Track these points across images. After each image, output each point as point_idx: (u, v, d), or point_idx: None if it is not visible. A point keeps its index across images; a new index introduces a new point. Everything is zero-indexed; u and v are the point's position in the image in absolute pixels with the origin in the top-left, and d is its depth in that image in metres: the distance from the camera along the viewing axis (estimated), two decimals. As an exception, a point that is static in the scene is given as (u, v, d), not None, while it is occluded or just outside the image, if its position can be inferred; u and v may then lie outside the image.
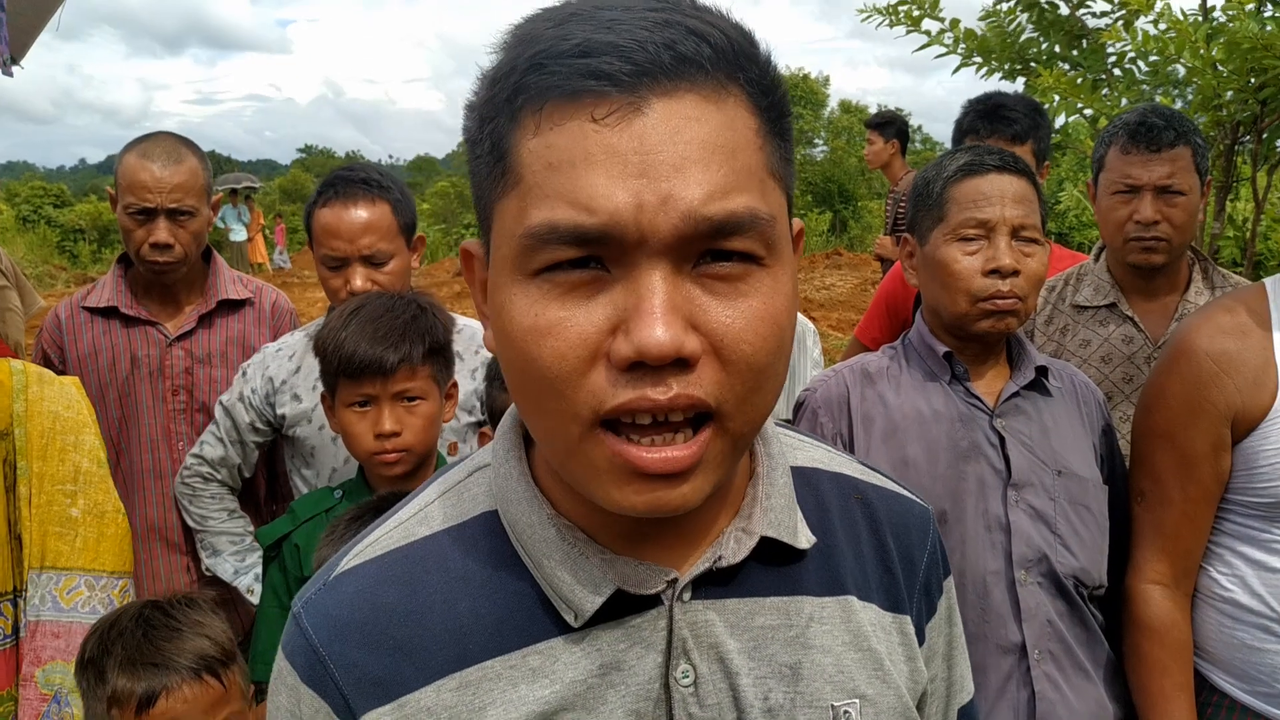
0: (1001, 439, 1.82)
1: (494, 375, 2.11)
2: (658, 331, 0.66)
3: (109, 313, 2.65)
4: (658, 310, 0.67)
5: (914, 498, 1.00)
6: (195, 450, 2.54)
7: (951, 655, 1.01)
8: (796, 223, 0.82)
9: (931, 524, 0.99)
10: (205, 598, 1.75)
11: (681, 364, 0.68)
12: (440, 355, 2.07)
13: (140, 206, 2.52)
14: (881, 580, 0.93)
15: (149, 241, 2.54)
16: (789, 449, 0.94)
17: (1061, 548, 1.79)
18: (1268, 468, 1.73)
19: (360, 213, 2.33)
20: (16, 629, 1.99)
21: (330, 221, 2.34)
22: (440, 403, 2.08)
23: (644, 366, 0.68)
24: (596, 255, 0.69)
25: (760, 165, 0.72)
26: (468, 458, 0.94)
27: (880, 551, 0.93)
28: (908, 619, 0.93)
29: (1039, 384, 1.89)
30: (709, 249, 0.70)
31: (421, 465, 2.08)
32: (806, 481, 0.93)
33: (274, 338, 2.71)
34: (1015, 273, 1.79)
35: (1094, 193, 2.60)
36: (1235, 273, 2.67)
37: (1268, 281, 1.83)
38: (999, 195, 1.81)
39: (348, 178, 2.40)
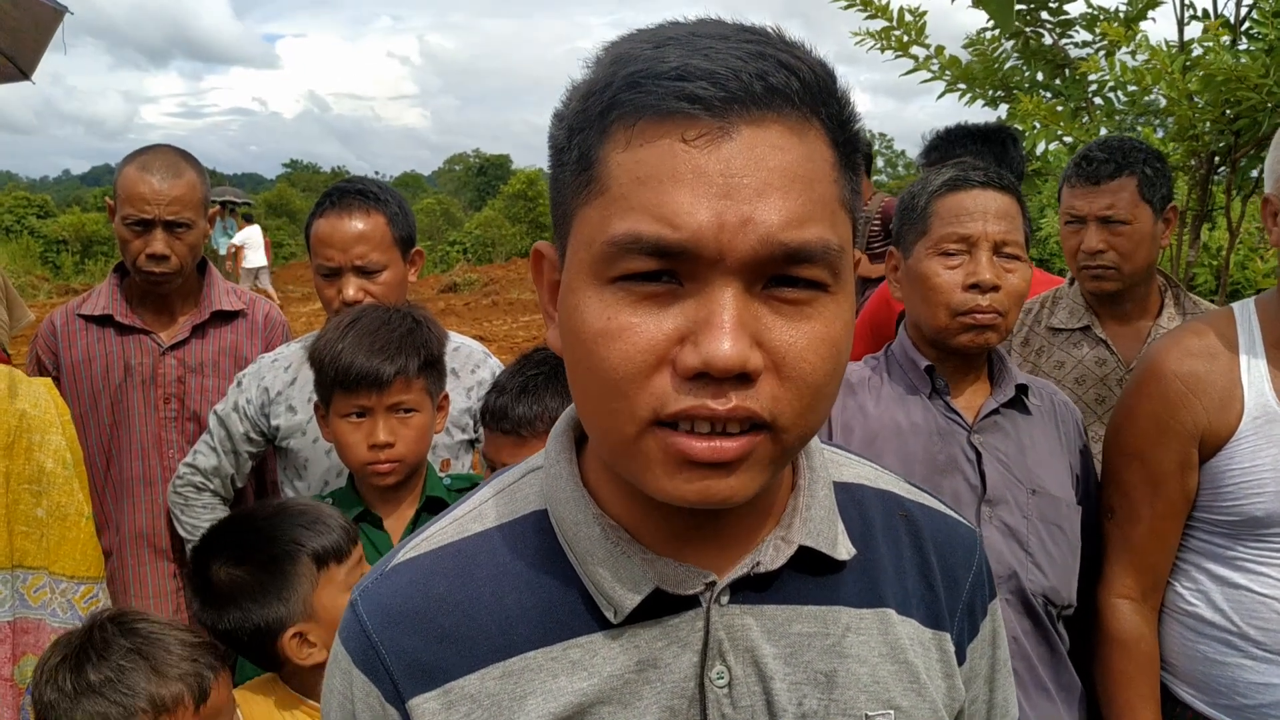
0: (978, 454, 1.84)
1: (505, 387, 2.11)
2: (725, 345, 0.70)
3: (104, 321, 2.68)
4: (727, 325, 0.70)
5: (960, 519, 1.02)
6: (188, 460, 2.56)
7: (994, 678, 1.02)
8: (856, 252, 0.85)
9: (978, 546, 1.00)
10: (195, 630, 1.73)
11: (743, 378, 0.72)
12: (434, 368, 2.10)
13: (138, 218, 2.55)
14: (923, 596, 0.95)
15: (146, 252, 2.57)
16: (836, 465, 0.98)
17: (1032, 566, 1.81)
18: (1233, 487, 1.79)
19: (355, 223, 2.36)
20: None
21: (325, 231, 2.37)
22: (433, 414, 2.11)
23: (707, 377, 0.71)
24: (672, 269, 0.72)
25: (834, 197, 0.76)
26: (523, 461, 0.98)
27: (923, 568, 0.95)
28: (948, 636, 0.95)
29: (1019, 402, 1.90)
30: (780, 273, 0.73)
31: (413, 475, 2.11)
32: (851, 496, 0.95)
33: (266, 349, 2.74)
34: (995, 288, 1.81)
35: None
36: (1210, 300, 2.74)
37: (1235, 306, 1.89)
38: (982, 211, 1.83)
39: (345, 189, 2.43)
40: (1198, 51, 3.63)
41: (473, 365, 2.55)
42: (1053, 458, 1.91)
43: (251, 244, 18.92)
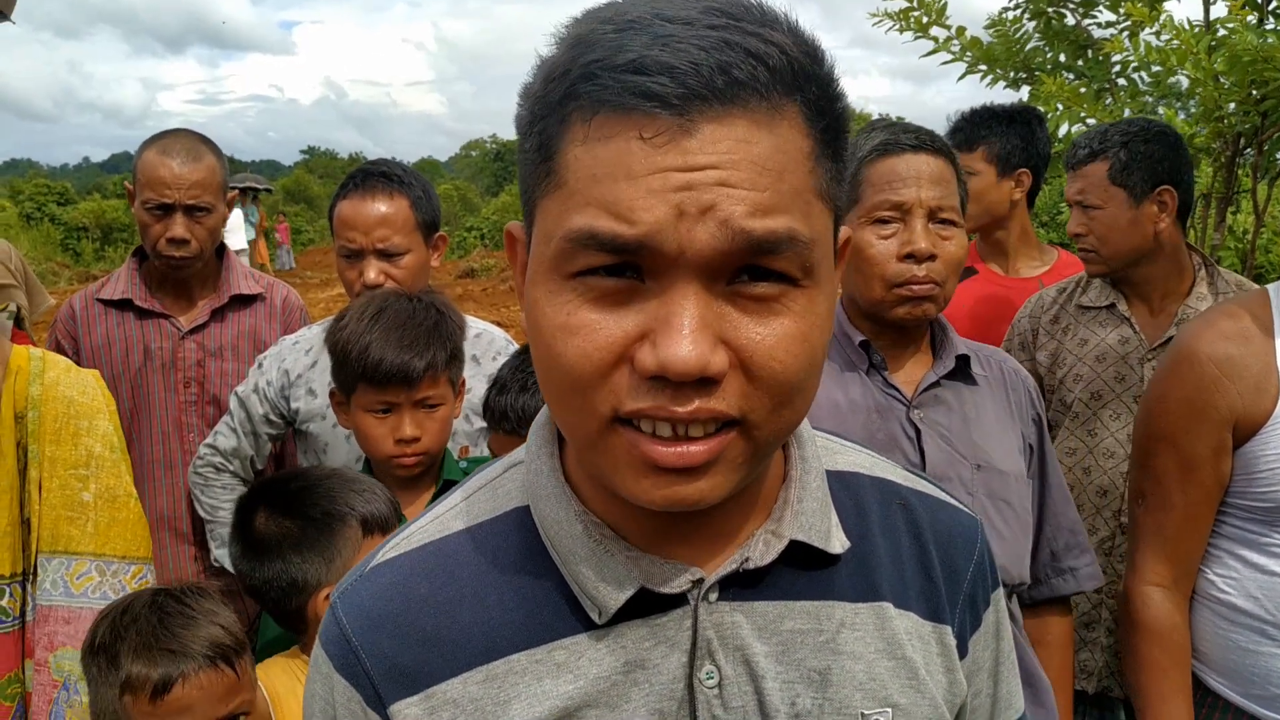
0: (918, 431, 1.77)
1: (506, 385, 2.13)
2: (684, 348, 0.67)
3: (123, 305, 2.69)
4: (687, 327, 0.68)
5: (961, 507, 0.98)
6: (209, 440, 2.57)
7: (998, 671, 0.98)
8: (844, 231, 0.82)
9: (980, 535, 0.97)
10: (213, 588, 1.76)
11: (705, 382, 0.69)
12: (457, 359, 2.10)
13: (159, 202, 2.56)
14: (922, 588, 0.91)
15: (166, 236, 2.58)
16: (829, 453, 0.94)
17: None
18: (1268, 472, 1.75)
19: (378, 206, 2.37)
20: (23, 612, 2.01)
21: (348, 213, 2.38)
22: (454, 403, 2.11)
23: (665, 380, 0.69)
24: (633, 264, 0.70)
25: (808, 187, 0.72)
26: (505, 456, 0.96)
27: (922, 559, 0.92)
28: (949, 629, 0.92)
29: (963, 372, 1.83)
30: (745, 266, 0.70)
31: (433, 463, 2.11)
32: (846, 486, 0.92)
33: (284, 333, 2.75)
34: (932, 257, 1.73)
35: None
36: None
37: (1271, 288, 1.85)
38: (914, 176, 1.74)
39: (370, 171, 2.44)
40: (1223, 32, 3.58)
41: (494, 352, 2.54)
42: (1001, 429, 1.83)
43: (232, 227, 19.02)
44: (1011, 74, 4.40)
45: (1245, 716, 1.83)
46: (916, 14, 4.26)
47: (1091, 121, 4.08)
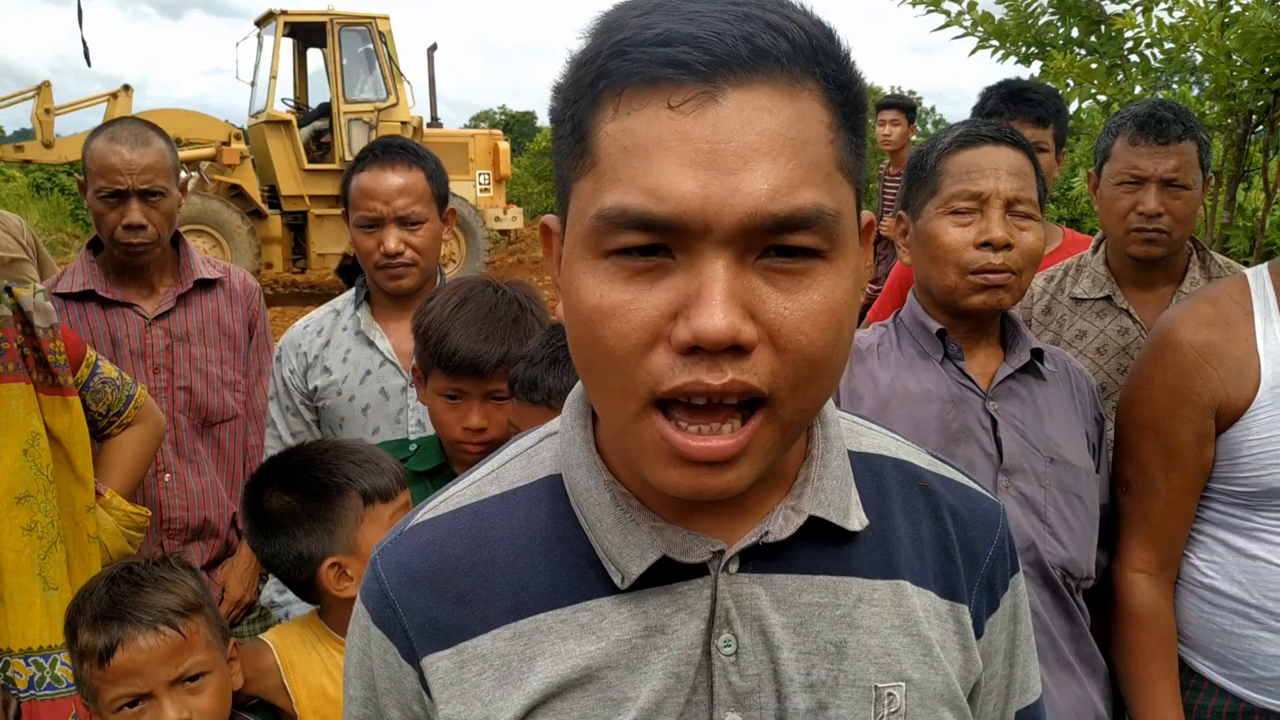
0: (994, 422, 1.78)
1: (536, 357, 2.12)
2: (716, 319, 0.69)
3: (84, 297, 2.68)
4: (717, 298, 0.69)
5: (983, 491, 1.00)
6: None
7: (1014, 654, 1.00)
8: (867, 215, 0.83)
9: (1000, 519, 0.99)
10: (176, 556, 1.81)
11: (737, 350, 0.71)
12: None
13: (112, 189, 2.56)
14: (941, 568, 0.93)
15: (122, 224, 2.58)
16: (854, 435, 0.96)
17: (1050, 537, 1.76)
18: (1250, 458, 1.76)
19: (398, 176, 2.41)
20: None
21: (368, 183, 2.41)
22: None
23: (701, 351, 0.71)
24: (664, 242, 0.72)
25: (829, 159, 0.74)
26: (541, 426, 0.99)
27: (941, 539, 0.94)
28: (965, 609, 0.93)
29: (1033, 368, 1.84)
30: (772, 242, 0.72)
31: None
32: (869, 466, 0.94)
33: (246, 314, 2.83)
34: (1008, 246, 1.73)
35: (1095, 183, 2.61)
36: (1245, 263, 2.69)
37: (1249, 272, 1.85)
38: (993, 168, 1.75)
39: (388, 144, 2.47)
40: (1236, 8, 3.56)
41: None
42: (1070, 425, 1.85)
43: None
44: (1023, 49, 4.38)
45: (1230, 698, 1.84)
46: (929, -11, 4.24)
47: (1102, 98, 4.06)
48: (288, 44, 14.02)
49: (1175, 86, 4.26)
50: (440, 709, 0.86)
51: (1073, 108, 4.08)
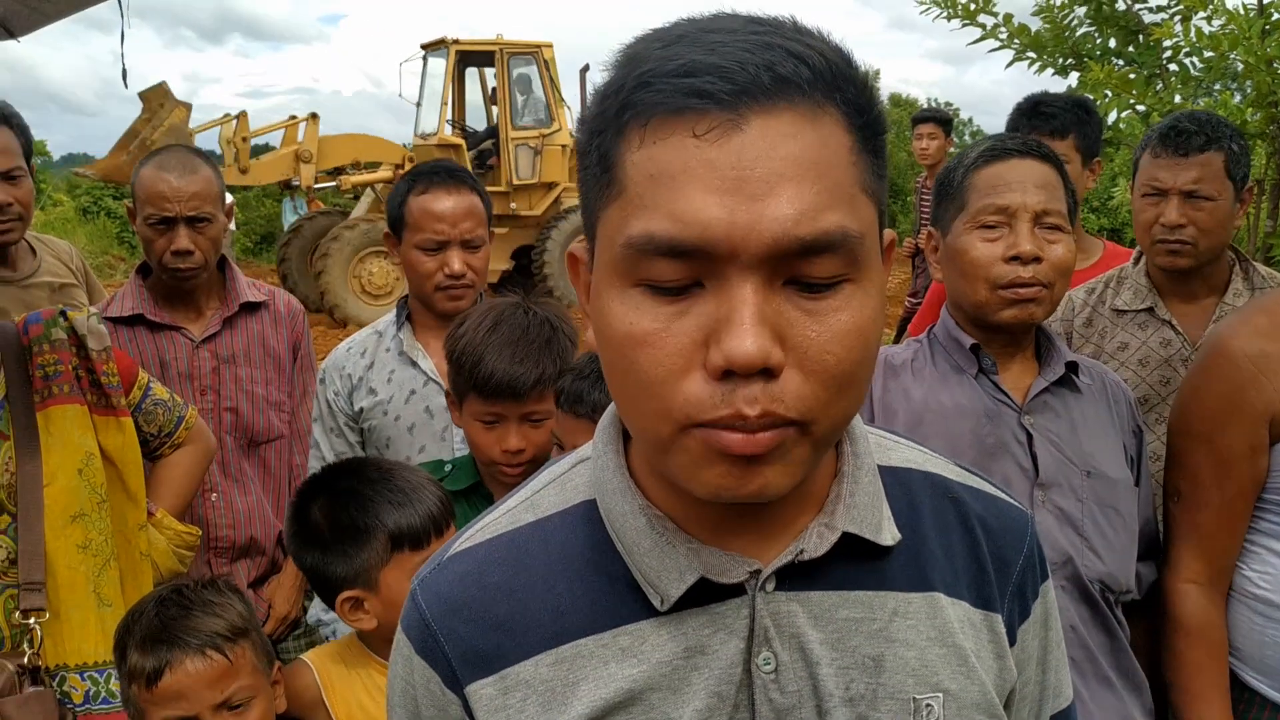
0: (1029, 436, 1.78)
1: (584, 371, 2.14)
2: (747, 343, 0.71)
3: (133, 321, 2.74)
4: (747, 321, 0.71)
5: (1011, 501, 1.01)
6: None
7: (1046, 660, 1.01)
8: (889, 233, 0.85)
9: (1029, 528, 1.00)
10: (224, 579, 1.84)
11: (767, 373, 0.72)
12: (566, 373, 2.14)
13: (160, 216, 2.61)
14: (974, 578, 0.94)
15: (171, 249, 2.64)
16: (882, 449, 0.97)
17: (1088, 551, 1.76)
18: None
19: (463, 199, 2.47)
20: None
21: (433, 206, 2.46)
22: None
23: (734, 375, 0.72)
24: (694, 275, 0.73)
25: (852, 181, 0.76)
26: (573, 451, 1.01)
27: (972, 550, 0.95)
28: (999, 618, 0.95)
29: (1068, 381, 1.83)
30: (799, 265, 0.73)
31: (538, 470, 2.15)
32: (899, 480, 0.95)
33: (290, 336, 2.89)
34: (1038, 259, 1.73)
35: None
36: (1286, 273, 2.66)
37: None
38: (1020, 181, 1.75)
39: (447, 168, 2.54)
40: (1277, 16, 3.52)
41: None
42: (1106, 438, 1.84)
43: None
44: (1059, 60, 4.35)
45: None
46: (964, 1, 4.23)
47: (1141, 108, 4.03)
48: (439, 66, 14.55)
49: (1217, 94, 4.21)
50: None
51: (1111, 118, 4.06)
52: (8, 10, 3.69)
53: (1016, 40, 4.31)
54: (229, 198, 2.88)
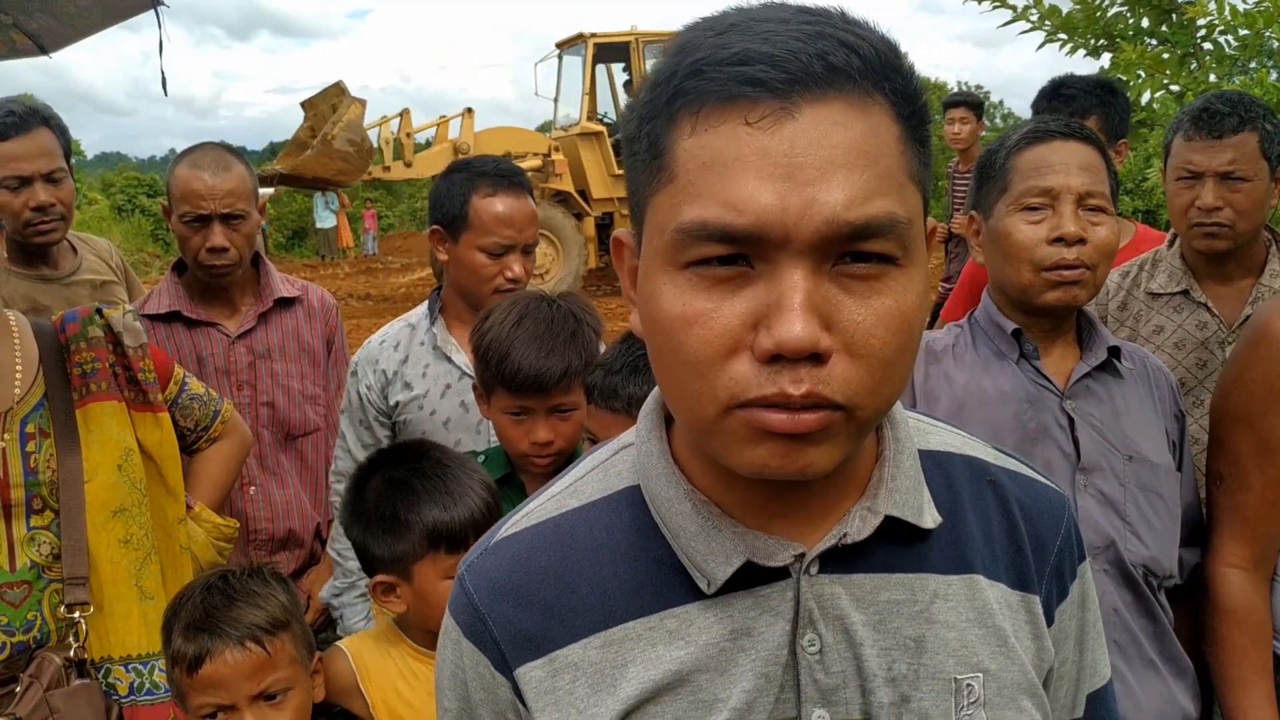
0: (1071, 421, 1.77)
1: (614, 365, 2.15)
2: (796, 328, 0.72)
3: (170, 318, 2.77)
4: (797, 307, 0.72)
5: (1048, 483, 1.02)
6: (335, 468, 2.67)
7: (1083, 639, 1.02)
8: (930, 222, 0.86)
9: (1066, 510, 1.01)
10: (270, 568, 1.86)
11: (815, 358, 0.73)
12: (592, 365, 2.14)
13: (195, 214, 2.64)
14: (1012, 560, 0.95)
15: (206, 246, 2.66)
16: (922, 433, 0.98)
17: (1131, 535, 1.75)
18: None
19: (526, 205, 2.49)
20: None
21: (503, 211, 2.45)
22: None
23: (782, 359, 0.73)
24: (743, 252, 0.74)
25: (900, 170, 0.77)
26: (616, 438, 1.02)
27: (1010, 532, 0.96)
28: (1036, 599, 0.95)
29: (1110, 365, 1.82)
30: (848, 250, 0.74)
31: (567, 461, 2.16)
32: (938, 464, 0.96)
33: (324, 330, 2.91)
34: (1081, 240, 1.72)
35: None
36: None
37: None
38: (1063, 163, 1.74)
39: (511, 170, 2.53)
40: (1315, -9, 3.47)
41: None
42: (1148, 423, 1.82)
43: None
44: (1091, 41, 4.31)
45: None
46: (996, -16, 4.20)
47: (1175, 88, 3.98)
48: (575, 62, 15.53)
49: (1253, 73, 4.15)
50: (536, 717, 0.89)
51: (1144, 99, 4.01)
52: (42, 27, 3.77)
53: (1048, 22, 4.27)
54: (262, 193, 2.89)
